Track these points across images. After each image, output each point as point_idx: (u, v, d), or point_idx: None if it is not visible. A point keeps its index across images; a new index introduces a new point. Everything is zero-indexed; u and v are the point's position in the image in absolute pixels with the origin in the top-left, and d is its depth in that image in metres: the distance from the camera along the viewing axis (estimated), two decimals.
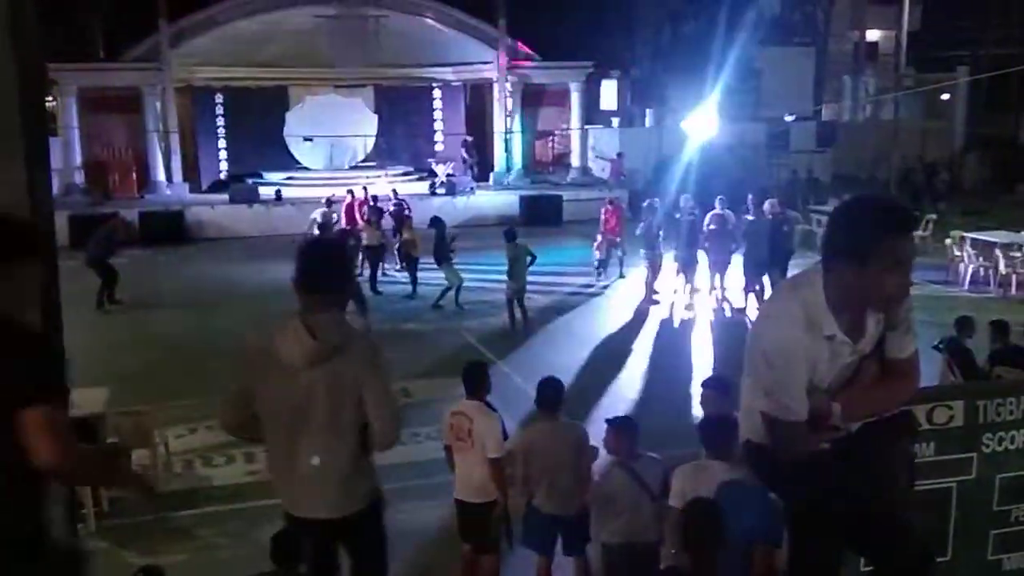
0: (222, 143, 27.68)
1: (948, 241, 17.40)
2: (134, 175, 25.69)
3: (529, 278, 14.57)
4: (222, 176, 27.34)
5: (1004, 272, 16.16)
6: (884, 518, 3.21)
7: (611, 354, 12.86)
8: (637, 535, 5.65)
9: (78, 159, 25.14)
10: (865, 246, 2.76)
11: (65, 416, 2.73)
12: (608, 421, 5.93)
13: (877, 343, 3.05)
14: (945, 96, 33.80)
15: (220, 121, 27.53)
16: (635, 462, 5.68)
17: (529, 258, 14.33)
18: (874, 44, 38.56)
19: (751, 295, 15.27)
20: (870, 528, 3.22)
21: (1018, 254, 16.32)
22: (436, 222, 16.13)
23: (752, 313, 14.92)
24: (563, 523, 5.98)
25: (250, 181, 25.48)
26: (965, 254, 16.92)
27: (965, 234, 17.47)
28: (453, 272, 15.47)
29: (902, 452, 3.31)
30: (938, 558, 4.46)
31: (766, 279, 15.43)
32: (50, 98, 23.81)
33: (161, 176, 25.75)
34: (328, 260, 3.82)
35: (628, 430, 5.79)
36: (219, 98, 27.28)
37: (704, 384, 6.07)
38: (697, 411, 7.01)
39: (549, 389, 6.11)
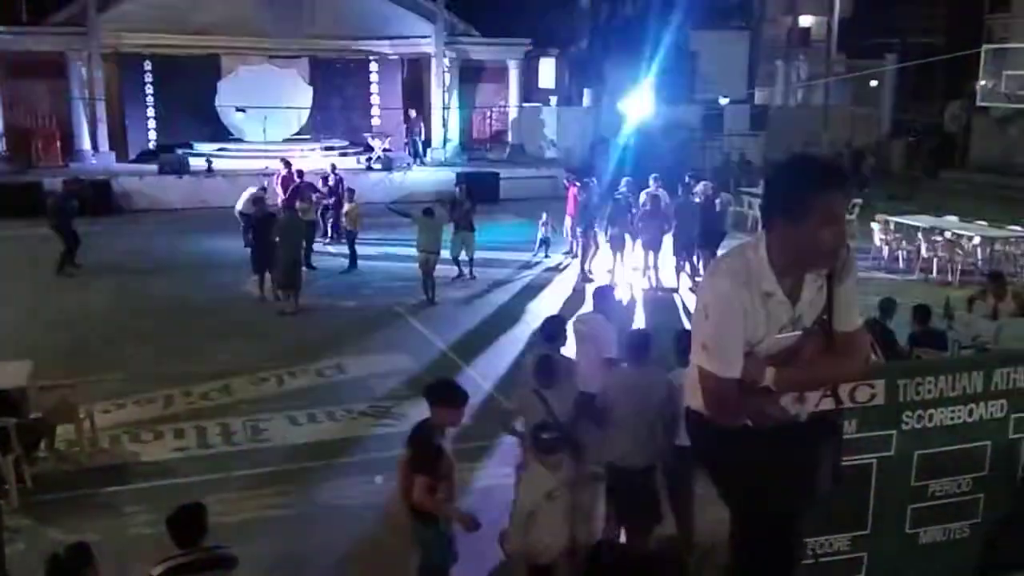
0: (151, 112, 26.85)
1: (874, 225, 17.81)
2: (58, 143, 24.82)
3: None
4: (151, 146, 26.59)
5: (926, 256, 16.64)
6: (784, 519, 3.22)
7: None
8: None
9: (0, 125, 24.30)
10: (801, 203, 2.84)
11: (425, 482, 5.29)
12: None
13: (820, 318, 3.05)
14: (874, 83, 34.54)
15: (149, 89, 26.69)
16: (547, 391, 6.36)
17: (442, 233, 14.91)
18: (807, 30, 39.17)
19: (682, 274, 15.51)
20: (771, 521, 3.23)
21: (939, 239, 16.81)
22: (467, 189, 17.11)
23: (683, 292, 15.17)
24: None
25: (180, 152, 24.84)
26: (890, 238, 17.39)
27: (889, 218, 17.93)
28: (459, 242, 15.78)
29: (826, 454, 3.26)
30: (857, 532, 4.62)
31: (697, 259, 15.73)
32: None
33: (87, 145, 24.97)
34: None
35: (542, 364, 6.51)
36: (148, 66, 26.47)
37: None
38: None
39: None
